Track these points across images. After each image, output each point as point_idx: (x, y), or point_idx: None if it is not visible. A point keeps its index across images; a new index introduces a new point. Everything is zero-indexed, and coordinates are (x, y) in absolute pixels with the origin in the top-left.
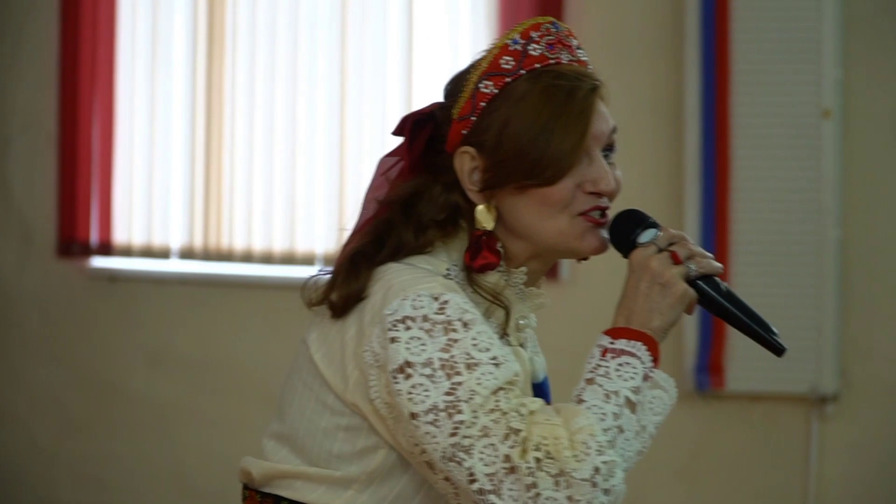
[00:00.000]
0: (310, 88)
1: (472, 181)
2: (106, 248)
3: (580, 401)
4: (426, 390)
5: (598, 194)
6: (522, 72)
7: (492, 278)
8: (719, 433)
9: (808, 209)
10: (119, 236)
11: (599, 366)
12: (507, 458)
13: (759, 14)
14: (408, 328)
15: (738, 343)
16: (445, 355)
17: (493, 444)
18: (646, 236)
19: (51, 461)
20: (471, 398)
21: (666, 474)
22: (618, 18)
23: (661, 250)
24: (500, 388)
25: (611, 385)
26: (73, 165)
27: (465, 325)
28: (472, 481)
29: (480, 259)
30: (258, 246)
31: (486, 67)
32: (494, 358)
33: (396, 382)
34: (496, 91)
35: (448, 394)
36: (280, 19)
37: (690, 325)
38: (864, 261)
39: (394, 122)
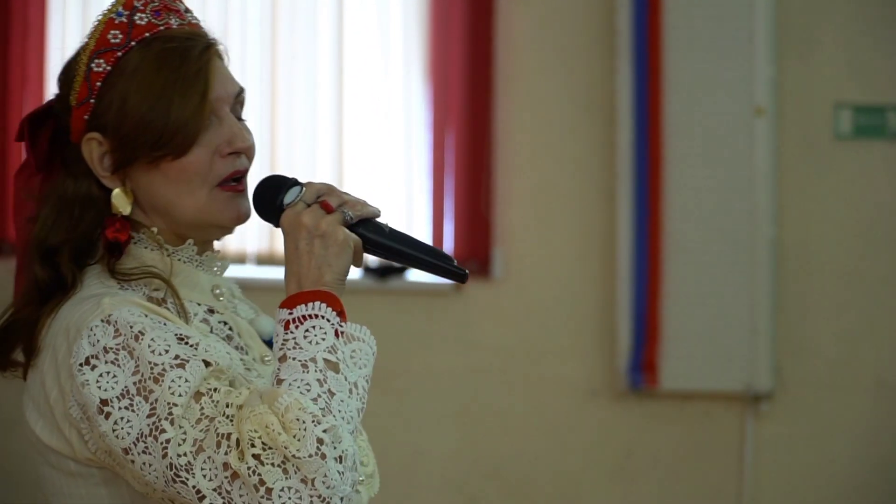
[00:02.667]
0: None
1: (103, 167)
2: None
3: (279, 381)
4: (128, 421)
5: (236, 154)
6: (133, 43)
7: (157, 260)
8: (653, 432)
9: (741, 207)
10: None
11: (287, 340)
12: (226, 465)
13: (691, 11)
14: (94, 367)
15: (672, 341)
16: (137, 377)
17: (209, 458)
18: (290, 196)
19: None
20: (170, 413)
21: (600, 473)
22: (550, 17)
23: (309, 205)
24: (200, 392)
25: (304, 354)
26: (3, 165)
27: (137, 337)
28: (202, 498)
29: (111, 235)
30: None
31: (94, 46)
32: (177, 357)
33: (100, 425)
34: (109, 68)
35: (149, 416)
36: (210, 20)
37: (624, 324)
38: (798, 259)
39: (325, 121)
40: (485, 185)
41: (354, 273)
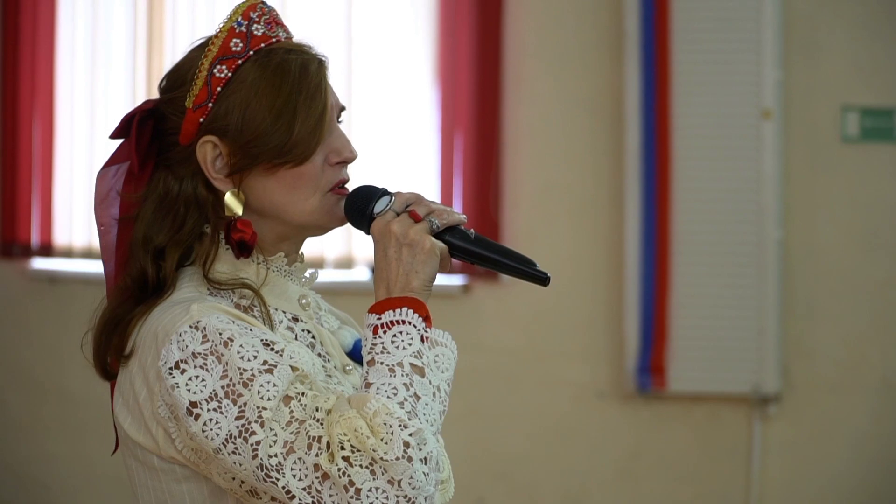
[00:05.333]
0: None
1: (216, 169)
2: (47, 250)
3: (368, 384)
4: (217, 423)
5: (342, 164)
6: (251, 53)
7: (250, 269)
8: (661, 434)
9: (748, 210)
10: (60, 238)
11: (375, 344)
12: (317, 466)
13: (698, 14)
14: (183, 371)
15: (680, 343)
16: (225, 381)
17: (300, 458)
18: (380, 205)
19: None
20: (260, 416)
21: (607, 475)
22: (558, 19)
23: (398, 214)
24: (289, 396)
25: (391, 358)
26: (13, 168)
27: (227, 343)
28: (292, 497)
29: (237, 236)
30: None
31: (217, 52)
32: (265, 363)
33: (190, 426)
34: (230, 74)
35: (238, 418)
36: (219, 19)
37: (631, 326)
38: (805, 261)
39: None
40: (493, 187)
41: (363, 275)
